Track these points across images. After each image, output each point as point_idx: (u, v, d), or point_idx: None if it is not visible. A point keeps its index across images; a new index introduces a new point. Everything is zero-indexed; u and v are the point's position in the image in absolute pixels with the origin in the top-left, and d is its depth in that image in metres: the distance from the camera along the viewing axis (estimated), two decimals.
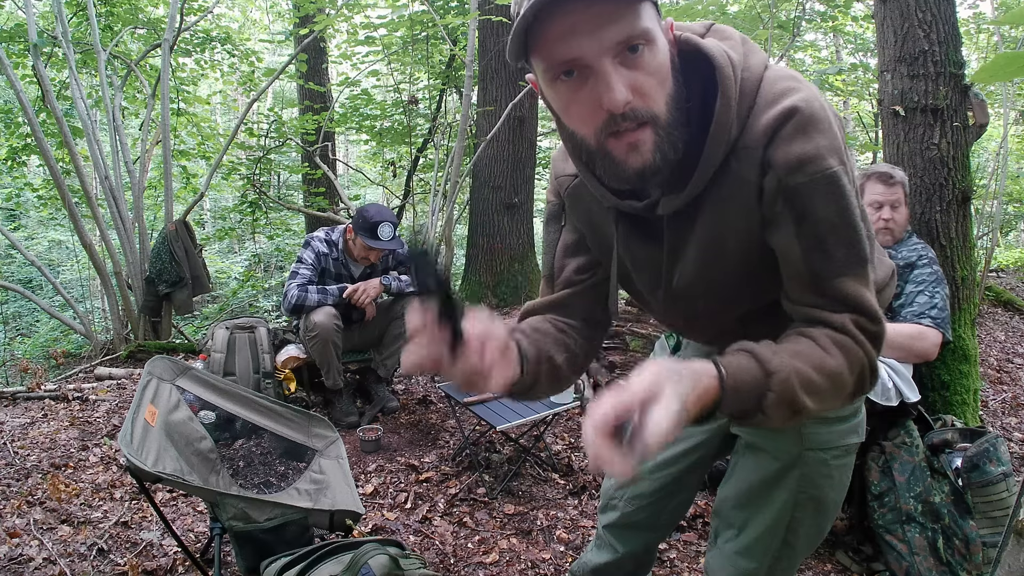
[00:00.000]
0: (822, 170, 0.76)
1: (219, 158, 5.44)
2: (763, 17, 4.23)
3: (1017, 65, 0.65)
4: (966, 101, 2.34)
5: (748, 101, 0.80)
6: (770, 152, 0.78)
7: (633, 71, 0.73)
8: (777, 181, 0.78)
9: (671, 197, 0.84)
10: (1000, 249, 8.09)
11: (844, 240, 0.79)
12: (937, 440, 2.00)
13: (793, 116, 0.77)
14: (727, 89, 0.78)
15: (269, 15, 10.92)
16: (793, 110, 0.77)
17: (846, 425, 1.03)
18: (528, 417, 2.42)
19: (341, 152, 11.56)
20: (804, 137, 0.77)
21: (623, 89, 0.72)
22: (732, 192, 0.82)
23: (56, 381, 3.70)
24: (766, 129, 0.78)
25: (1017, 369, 3.76)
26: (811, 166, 0.76)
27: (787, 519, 1.06)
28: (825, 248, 0.79)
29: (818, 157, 0.76)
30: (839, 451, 1.04)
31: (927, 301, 1.99)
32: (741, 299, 0.93)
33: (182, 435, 1.82)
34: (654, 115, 0.74)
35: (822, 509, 1.07)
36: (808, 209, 0.78)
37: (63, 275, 8.66)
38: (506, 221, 5.65)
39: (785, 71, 0.84)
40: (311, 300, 2.87)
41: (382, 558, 1.37)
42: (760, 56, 0.84)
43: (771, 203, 0.80)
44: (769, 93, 0.80)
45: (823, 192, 0.77)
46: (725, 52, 0.80)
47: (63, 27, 4.49)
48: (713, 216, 0.84)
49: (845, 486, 1.08)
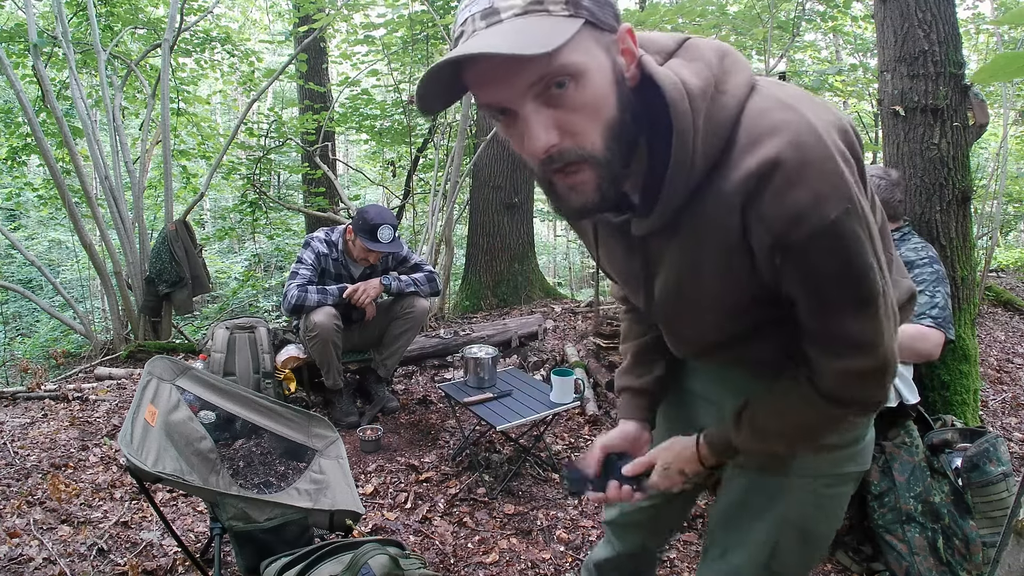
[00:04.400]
0: (821, 223, 0.69)
1: (219, 158, 5.44)
2: (763, 17, 4.23)
3: (1017, 65, 0.65)
4: (966, 101, 2.33)
5: (722, 133, 0.72)
6: (758, 206, 0.71)
7: (558, 109, 0.68)
8: (772, 238, 0.72)
9: (642, 220, 0.81)
10: (1000, 249, 8.10)
11: (850, 285, 0.74)
12: (937, 440, 2.00)
13: (778, 168, 0.68)
14: (680, 124, 0.72)
15: (269, 15, 10.92)
16: (777, 162, 0.68)
17: (842, 453, 0.97)
18: (528, 417, 2.42)
19: (341, 152, 11.56)
20: (796, 187, 0.68)
21: (543, 135, 0.69)
22: (707, 231, 0.77)
23: (56, 381, 3.70)
24: (747, 179, 0.70)
25: (1017, 369, 3.76)
26: (807, 222, 0.69)
27: (771, 545, 1.02)
28: (827, 296, 0.75)
29: (815, 208, 0.68)
30: (829, 479, 0.98)
31: (928, 301, 1.98)
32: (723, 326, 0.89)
33: (182, 435, 1.82)
34: (585, 154, 0.70)
35: (809, 539, 1.02)
36: (810, 265, 0.73)
37: (63, 275, 8.66)
38: (506, 221, 5.65)
39: (776, 95, 0.73)
40: (311, 300, 2.87)
41: (382, 558, 1.37)
42: (742, 76, 0.74)
43: (768, 257, 0.74)
44: (752, 129, 0.71)
45: (824, 247, 0.71)
46: (680, 83, 0.72)
47: (63, 27, 4.49)
48: (689, 243, 0.80)
49: (837, 517, 1.03)
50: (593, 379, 3.39)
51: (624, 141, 0.72)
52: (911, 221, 2.28)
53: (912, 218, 2.33)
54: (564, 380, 2.55)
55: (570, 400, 2.55)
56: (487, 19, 0.67)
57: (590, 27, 0.69)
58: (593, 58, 0.68)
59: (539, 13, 0.66)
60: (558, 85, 0.67)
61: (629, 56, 0.73)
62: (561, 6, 0.67)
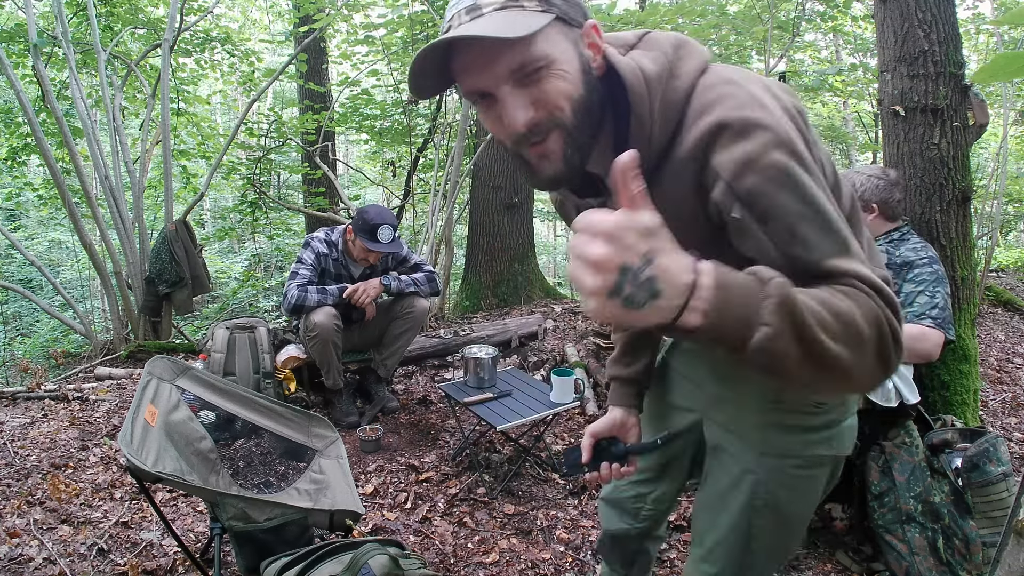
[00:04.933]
0: (771, 164, 0.72)
1: (219, 158, 5.44)
2: (763, 17, 4.23)
3: (1017, 65, 0.65)
4: (966, 101, 2.33)
5: (676, 109, 0.80)
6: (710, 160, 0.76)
7: (534, 88, 0.78)
8: (727, 188, 0.75)
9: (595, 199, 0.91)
10: (1000, 249, 8.10)
11: (819, 226, 0.73)
12: (937, 440, 2.00)
13: (725, 127, 0.75)
14: (638, 107, 0.81)
15: (269, 15, 10.92)
16: (723, 123, 0.75)
17: (814, 435, 0.98)
18: (528, 417, 2.42)
19: (341, 152, 11.56)
20: (743, 139, 0.74)
21: (521, 114, 0.78)
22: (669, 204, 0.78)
23: (56, 381, 3.70)
24: (698, 142, 0.77)
25: (1017, 369, 3.76)
26: (758, 163, 0.73)
27: (745, 525, 1.03)
28: (801, 237, 0.73)
29: (763, 153, 0.73)
30: (801, 460, 0.99)
31: (928, 301, 1.99)
32: None
33: (182, 435, 1.82)
34: (558, 122, 0.79)
35: (783, 521, 1.02)
36: (769, 206, 0.73)
37: (63, 275, 8.67)
38: (506, 221, 5.65)
39: (723, 74, 0.80)
40: (311, 300, 2.87)
41: (382, 558, 1.37)
42: (695, 61, 0.82)
43: (727, 212, 0.76)
44: (700, 104, 0.79)
45: (778, 184, 0.73)
46: (639, 69, 0.81)
47: (63, 27, 4.49)
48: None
49: (810, 500, 1.02)
50: (593, 379, 3.39)
51: (590, 115, 0.81)
52: (911, 221, 2.29)
53: (912, 218, 2.33)
54: (564, 380, 2.55)
55: (570, 400, 2.55)
56: (471, 13, 0.76)
57: (560, 22, 0.78)
58: (562, 49, 0.78)
59: (515, 8, 0.76)
60: (533, 71, 0.76)
61: (595, 49, 0.82)
62: (535, 3, 0.77)
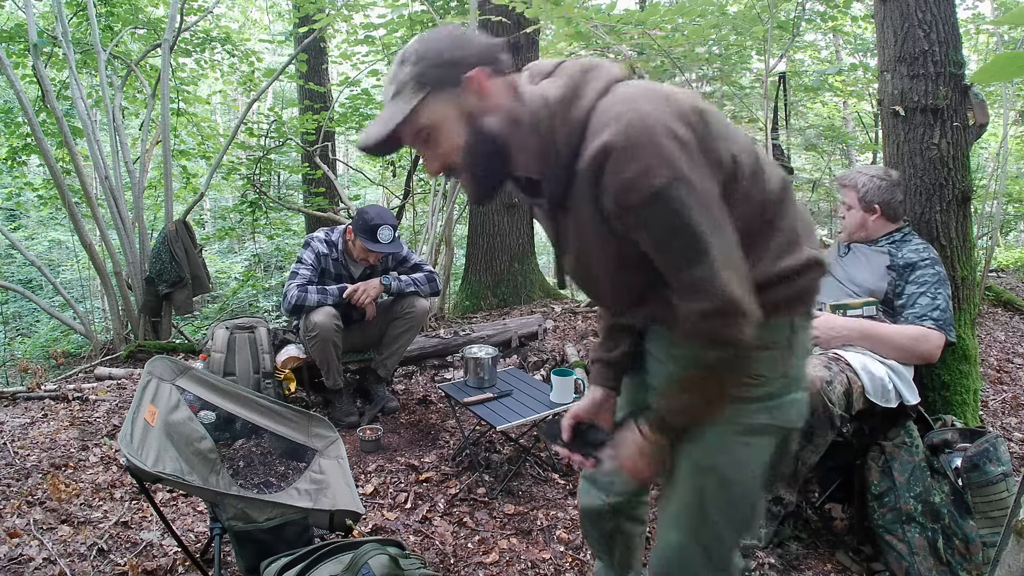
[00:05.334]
0: (648, 188, 0.89)
1: (219, 158, 5.43)
2: (763, 17, 4.23)
3: (1017, 65, 0.65)
4: (966, 101, 2.33)
5: (578, 128, 0.96)
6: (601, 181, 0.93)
7: (433, 144, 1.02)
8: (615, 206, 0.94)
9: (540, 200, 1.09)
10: (1000, 249, 8.09)
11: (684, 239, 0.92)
12: (937, 440, 2.00)
13: (611, 151, 0.90)
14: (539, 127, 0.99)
15: (269, 15, 10.92)
16: (609, 146, 0.90)
17: (753, 405, 1.07)
18: (528, 417, 2.42)
19: (341, 152, 11.54)
20: (626, 163, 0.90)
21: (431, 164, 1.05)
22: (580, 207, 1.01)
23: (56, 381, 3.70)
24: (592, 162, 0.93)
25: (1017, 369, 3.75)
26: (637, 189, 0.90)
27: (696, 489, 1.11)
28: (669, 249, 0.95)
29: (641, 177, 0.89)
30: (739, 427, 1.08)
31: (929, 303, 1.99)
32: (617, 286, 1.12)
33: (182, 435, 1.82)
34: (456, 167, 1.03)
35: (726, 484, 1.10)
36: (648, 222, 0.93)
37: (63, 275, 8.66)
38: (506, 221, 5.65)
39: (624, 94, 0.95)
40: (311, 300, 2.87)
41: (382, 558, 1.37)
42: (599, 83, 0.97)
43: (617, 219, 0.96)
44: (596, 123, 0.94)
45: (653, 208, 0.91)
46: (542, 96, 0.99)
47: (63, 27, 4.49)
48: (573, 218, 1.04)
49: (754, 467, 1.10)
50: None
51: (484, 149, 1.00)
52: (911, 221, 2.29)
53: (912, 218, 2.33)
54: (564, 380, 2.55)
55: (570, 400, 2.55)
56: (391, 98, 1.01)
57: (436, 91, 0.98)
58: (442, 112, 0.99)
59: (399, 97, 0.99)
60: (425, 136, 1.01)
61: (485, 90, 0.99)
62: (412, 85, 0.98)
